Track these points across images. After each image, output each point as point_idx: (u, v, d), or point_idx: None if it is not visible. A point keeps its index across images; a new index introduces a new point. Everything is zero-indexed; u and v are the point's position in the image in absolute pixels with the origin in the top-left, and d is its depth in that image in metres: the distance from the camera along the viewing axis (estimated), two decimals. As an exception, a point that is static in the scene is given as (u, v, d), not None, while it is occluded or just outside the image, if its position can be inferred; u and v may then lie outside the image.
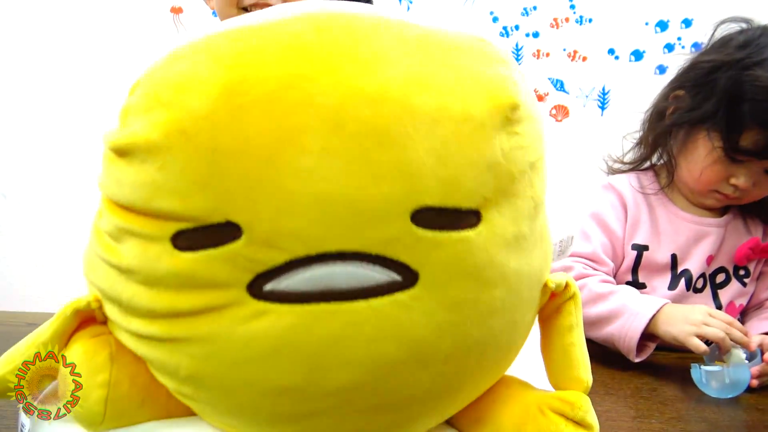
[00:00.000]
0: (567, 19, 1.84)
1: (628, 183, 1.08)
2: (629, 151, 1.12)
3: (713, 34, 1.01)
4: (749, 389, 0.83)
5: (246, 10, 0.94)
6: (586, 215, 1.05)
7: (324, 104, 0.34)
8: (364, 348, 0.37)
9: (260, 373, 0.37)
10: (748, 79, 0.92)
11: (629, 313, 0.93)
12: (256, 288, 0.36)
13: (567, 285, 0.46)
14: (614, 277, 1.04)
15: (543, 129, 0.42)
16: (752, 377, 0.85)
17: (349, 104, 0.34)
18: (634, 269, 1.04)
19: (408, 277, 0.36)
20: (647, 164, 1.10)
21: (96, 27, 1.88)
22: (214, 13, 1.79)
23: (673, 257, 1.04)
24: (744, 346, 0.87)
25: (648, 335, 0.93)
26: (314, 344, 0.36)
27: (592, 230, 1.04)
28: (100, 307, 0.42)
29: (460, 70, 0.37)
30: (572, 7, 1.82)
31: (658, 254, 1.04)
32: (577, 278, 1.00)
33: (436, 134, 0.35)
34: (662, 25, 1.80)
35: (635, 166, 1.11)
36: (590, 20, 1.83)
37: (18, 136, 1.95)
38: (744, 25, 0.99)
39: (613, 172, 1.13)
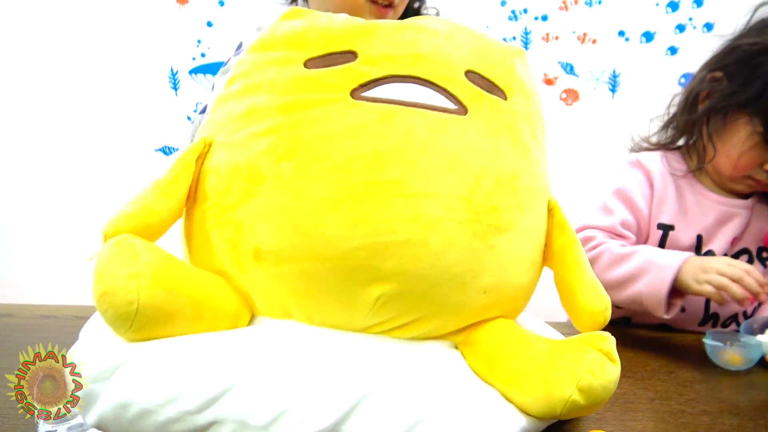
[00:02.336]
0: (576, 1, 1.81)
1: (657, 161, 1.05)
2: (655, 133, 1.10)
3: (752, 16, 0.99)
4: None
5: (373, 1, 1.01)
6: (610, 191, 1.03)
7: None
8: (428, 138, 0.50)
9: (347, 143, 0.49)
10: None
11: (655, 268, 0.91)
12: (356, 93, 0.51)
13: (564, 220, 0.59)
14: None
15: (541, 105, 0.61)
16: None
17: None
18: (660, 248, 1.02)
19: (461, 110, 0.53)
20: (675, 144, 1.09)
21: (103, 20, 1.87)
22: (221, 2, 1.78)
23: (699, 238, 1.02)
24: (753, 294, 0.86)
25: (673, 291, 0.89)
26: (390, 128, 0.49)
27: (615, 205, 1.02)
28: (210, 145, 0.54)
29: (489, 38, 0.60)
30: (582, -12, 1.80)
31: (684, 234, 1.01)
32: (598, 244, 0.95)
33: (481, 45, 0.57)
34: (673, 6, 1.77)
35: (663, 146, 1.09)
36: (600, 2, 1.80)
37: (28, 132, 1.95)
38: None
39: (639, 149, 1.11)
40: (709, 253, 1.01)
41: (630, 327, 1.03)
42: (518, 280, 0.55)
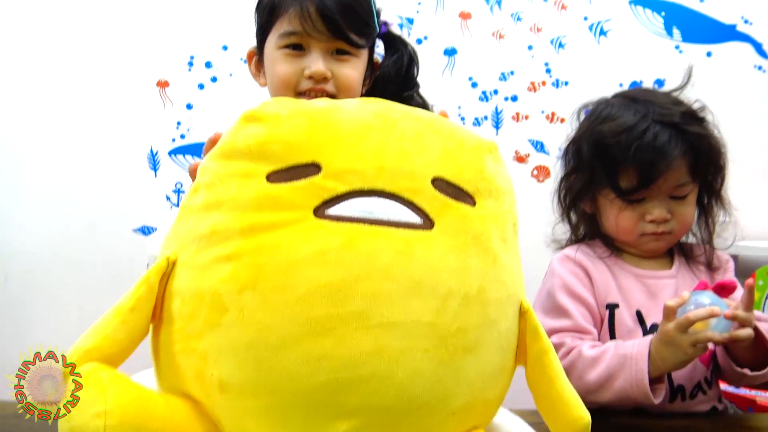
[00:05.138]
0: (544, 83, 1.89)
1: (582, 250, 1.13)
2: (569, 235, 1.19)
3: (576, 119, 1.15)
4: None
5: (302, 94, 0.99)
6: (555, 292, 1.08)
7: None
8: (392, 262, 0.49)
9: (309, 272, 0.48)
10: (604, 129, 1.06)
11: (629, 361, 0.95)
12: (320, 211, 0.51)
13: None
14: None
15: (515, 200, 0.61)
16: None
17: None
18: (611, 329, 1.05)
19: (427, 224, 0.52)
20: (587, 236, 1.16)
21: (85, 101, 1.91)
22: (201, 85, 1.83)
23: (638, 314, 1.06)
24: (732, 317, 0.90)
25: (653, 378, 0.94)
26: (353, 254, 0.49)
27: (567, 303, 1.05)
28: (174, 263, 0.54)
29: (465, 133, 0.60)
30: (548, 71, 1.88)
31: (626, 312, 1.07)
32: (570, 350, 0.99)
33: (449, 147, 0.57)
34: (636, 86, 1.86)
35: (578, 241, 1.16)
36: (566, 83, 1.89)
37: (12, 218, 1.97)
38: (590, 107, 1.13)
39: (561, 247, 1.17)
40: (654, 327, 1.04)
41: (608, 415, 1.03)
42: (489, 393, 0.55)
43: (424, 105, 1.10)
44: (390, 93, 1.05)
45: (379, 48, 1.09)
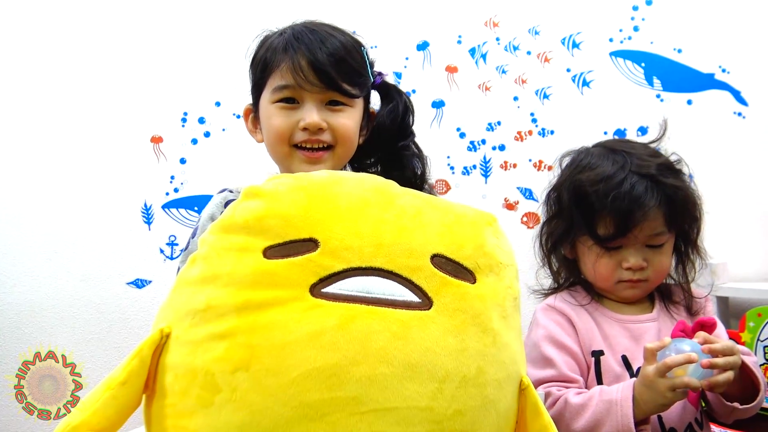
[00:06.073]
0: (530, 132, 1.94)
1: (565, 299, 1.14)
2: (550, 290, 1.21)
3: (558, 166, 1.18)
4: None
5: (297, 147, 1.00)
6: (540, 342, 1.09)
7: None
8: (388, 345, 0.48)
9: (304, 354, 0.47)
10: (583, 177, 1.09)
11: (614, 406, 0.96)
12: (316, 289, 0.50)
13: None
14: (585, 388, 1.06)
15: (517, 272, 0.60)
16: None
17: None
18: (598, 376, 1.06)
19: (426, 303, 0.51)
20: (570, 281, 1.17)
21: (78, 157, 1.94)
22: (194, 140, 1.86)
23: (624, 359, 1.07)
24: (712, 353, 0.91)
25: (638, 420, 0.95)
26: (348, 337, 0.48)
27: (552, 353, 1.06)
28: (168, 336, 0.53)
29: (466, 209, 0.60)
30: (534, 120, 1.93)
31: (612, 358, 1.07)
32: (556, 399, 0.99)
33: (448, 222, 0.56)
34: (620, 134, 1.90)
35: (560, 288, 1.19)
36: (552, 132, 1.93)
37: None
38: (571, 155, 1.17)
39: (545, 296, 1.18)
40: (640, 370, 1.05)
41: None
42: None
43: (419, 154, 1.10)
44: (386, 142, 1.07)
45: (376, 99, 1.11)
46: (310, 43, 0.97)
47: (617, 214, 1.05)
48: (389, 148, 1.08)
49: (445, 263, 0.53)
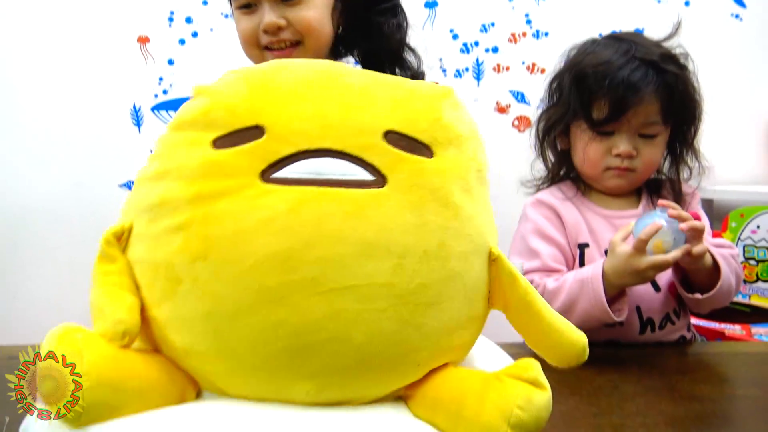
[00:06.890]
0: (524, 34, 1.90)
1: (553, 193, 1.18)
2: (543, 176, 1.24)
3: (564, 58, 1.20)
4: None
5: (267, 49, 1.02)
6: (527, 234, 1.14)
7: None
8: (342, 226, 0.48)
9: (258, 241, 0.47)
10: (585, 61, 1.12)
11: (586, 284, 1.01)
12: (266, 175, 0.49)
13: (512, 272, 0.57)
14: None
15: (481, 143, 0.59)
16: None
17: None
18: (582, 266, 1.11)
19: (379, 181, 0.50)
20: (561, 175, 1.21)
21: (65, 58, 1.89)
22: (182, 41, 1.83)
23: (606, 252, 1.11)
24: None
25: (611, 298, 1.00)
26: (301, 220, 0.48)
27: (538, 245, 1.12)
28: (130, 231, 0.54)
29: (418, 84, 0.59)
30: (528, 22, 1.89)
31: (596, 251, 1.12)
32: (535, 288, 1.06)
33: (400, 97, 0.54)
34: (615, 35, 1.88)
35: (552, 181, 1.22)
36: (546, 34, 1.90)
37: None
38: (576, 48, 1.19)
39: (537, 190, 1.21)
40: None
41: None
42: (456, 341, 0.55)
43: (401, 24, 1.11)
44: (355, 6, 1.05)
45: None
46: None
47: (612, 96, 1.06)
48: (358, 12, 1.06)
49: (398, 139, 0.51)
